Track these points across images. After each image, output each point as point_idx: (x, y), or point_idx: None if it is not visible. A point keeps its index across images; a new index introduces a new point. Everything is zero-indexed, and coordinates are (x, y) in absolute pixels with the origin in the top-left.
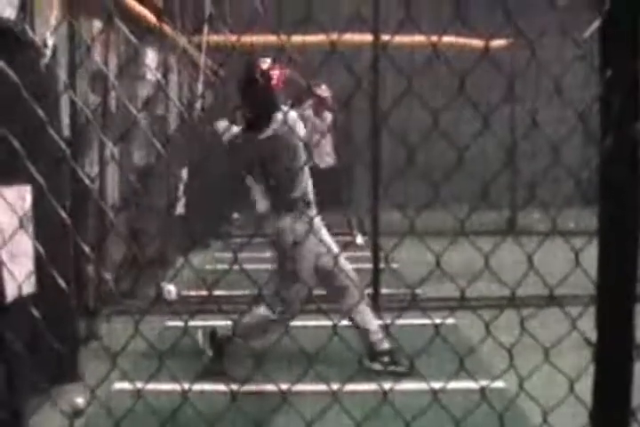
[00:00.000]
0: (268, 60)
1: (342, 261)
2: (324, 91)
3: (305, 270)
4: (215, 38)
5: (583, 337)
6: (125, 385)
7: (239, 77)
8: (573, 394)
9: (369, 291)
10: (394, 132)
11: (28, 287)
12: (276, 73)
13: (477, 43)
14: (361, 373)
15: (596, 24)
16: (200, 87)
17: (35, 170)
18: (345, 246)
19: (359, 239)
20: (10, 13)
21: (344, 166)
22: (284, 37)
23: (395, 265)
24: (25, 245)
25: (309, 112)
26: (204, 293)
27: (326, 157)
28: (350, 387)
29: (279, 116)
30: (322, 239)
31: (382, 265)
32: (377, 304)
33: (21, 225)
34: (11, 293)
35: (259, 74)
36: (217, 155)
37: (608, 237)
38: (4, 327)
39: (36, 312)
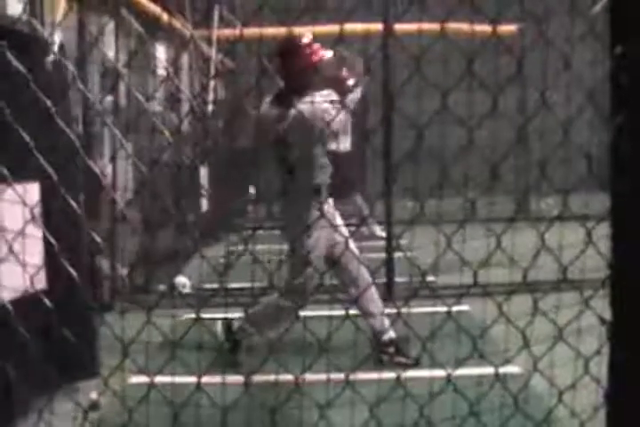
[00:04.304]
0: (310, 36)
1: (353, 249)
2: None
3: (316, 258)
4: (225, 31)
5: (597, 316)
6: (142, 379)
7: (278, 48)
8: (589, 375)
9: (382, 280)
10: (405, 116)
11: (38, 283)
12: (319, 49)
13: (487, 28)
14: (374, 361)
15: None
16: (212, 81)
17: (48, 164)
18: (363, 237)
19: (378, 230)
20: (18, 11)
21: (358, 152)
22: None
23: (409, 253)
24: (34, 241)
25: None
26: (217, 285)
27: (345, 140)
28: (364, 375)
29: (310, 96)
30: (335, 226)
31: (397, 254)
32: (391, 293)
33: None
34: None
35: (301, 47)
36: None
37: (621, 215)
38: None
39: (50, 307)
